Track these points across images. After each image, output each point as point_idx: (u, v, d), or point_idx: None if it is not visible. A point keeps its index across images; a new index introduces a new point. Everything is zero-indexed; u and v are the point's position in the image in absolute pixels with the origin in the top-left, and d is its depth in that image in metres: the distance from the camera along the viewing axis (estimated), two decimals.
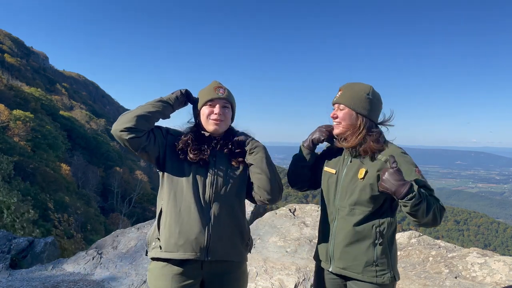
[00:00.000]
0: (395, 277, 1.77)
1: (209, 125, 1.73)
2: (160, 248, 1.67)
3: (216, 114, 1.71)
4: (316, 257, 1.94)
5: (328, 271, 1.83)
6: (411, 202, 1.52)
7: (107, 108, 79.57)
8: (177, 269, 1.66)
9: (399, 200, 1.56)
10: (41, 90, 45.11)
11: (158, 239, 1.69)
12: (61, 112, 43.19)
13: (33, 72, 54.69)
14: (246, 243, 1.82)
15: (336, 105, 1.80)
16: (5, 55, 49.32)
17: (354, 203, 1.74)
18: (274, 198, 1.73)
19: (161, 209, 1.72)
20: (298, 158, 1.94)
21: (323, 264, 1.86)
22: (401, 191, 1.52)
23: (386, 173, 1.56)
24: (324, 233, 1.87)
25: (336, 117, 1.78)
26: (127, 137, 1.60)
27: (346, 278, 1.81)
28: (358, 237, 1.73)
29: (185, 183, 1.68)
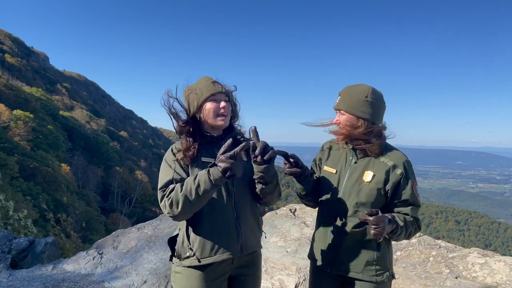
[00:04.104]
0: (393, 276, 1.82)
1: (217, 121, 1.71)
2: (197, 258, 1.66)
3: (222, 108, 1.70)
4: (312, 257, 1.93)
5: (327, 271, 1.82)
6: (394, 236, 1.67)
7: (107, 108, 79.53)
8: (210, 268, 1.68)
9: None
10: (42, 90, 45.12)
11: (191, 249, 1.67)
12: (61, 112, 43.22)
13: (33, 72, 54.68)
14: (261, 231, 1.88)
15: (338, 111, 1.80)
16: (6, 55, 49.34)
17: (359, 205, 1.74)
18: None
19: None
20: (300, 193, 1.93)
21: (320, 265, 1.85)
22: (388, 230, 1.62)
23: (383, 224, 1.58)
24: (322, 234, 1.86)
25: (339, 123, 1.79)
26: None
27: (344, 278, 1.82)
28: (360, 238, 1.74)
29: None
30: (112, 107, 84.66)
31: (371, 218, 1.56)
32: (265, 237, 1.94)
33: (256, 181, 1.72)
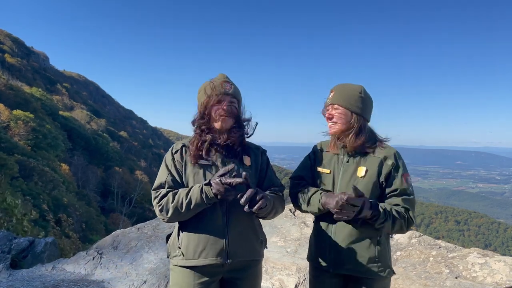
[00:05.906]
0: (393, 271, 1.83)
1: (216, 121, 1.70)
2: (182, 256, 1.69)
3: (223, 110, 1.68)
4: (312, 258, 1.93)
5: (329, 271, 1.82)
6: (376, 222, 1.67)
7: (107, 108, 79.51)
8: (198, 269, 1.69)
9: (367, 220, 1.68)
10: (42, 90, 45.09)
11: (179, 247, 1.71)
12: (61, 112, 43.18)
13: (33, 72, 54.62)
14: (261, 241, 1.83)
15: (331, 106, 1.83)
16: (6, 55, 49.29)
17: None
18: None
19: None
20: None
21: (322, 265, 1.85)
22: (367, 215, 1.63)
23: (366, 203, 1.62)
24: (321, 234, 1.86)
25: (332, 117, 1.82)
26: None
27: (347, 277, 1.82)
28: (360, 236, 1.75)
29: None
30: (112, 107, 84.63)
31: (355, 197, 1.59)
32: (266, 247, 1.89)
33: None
